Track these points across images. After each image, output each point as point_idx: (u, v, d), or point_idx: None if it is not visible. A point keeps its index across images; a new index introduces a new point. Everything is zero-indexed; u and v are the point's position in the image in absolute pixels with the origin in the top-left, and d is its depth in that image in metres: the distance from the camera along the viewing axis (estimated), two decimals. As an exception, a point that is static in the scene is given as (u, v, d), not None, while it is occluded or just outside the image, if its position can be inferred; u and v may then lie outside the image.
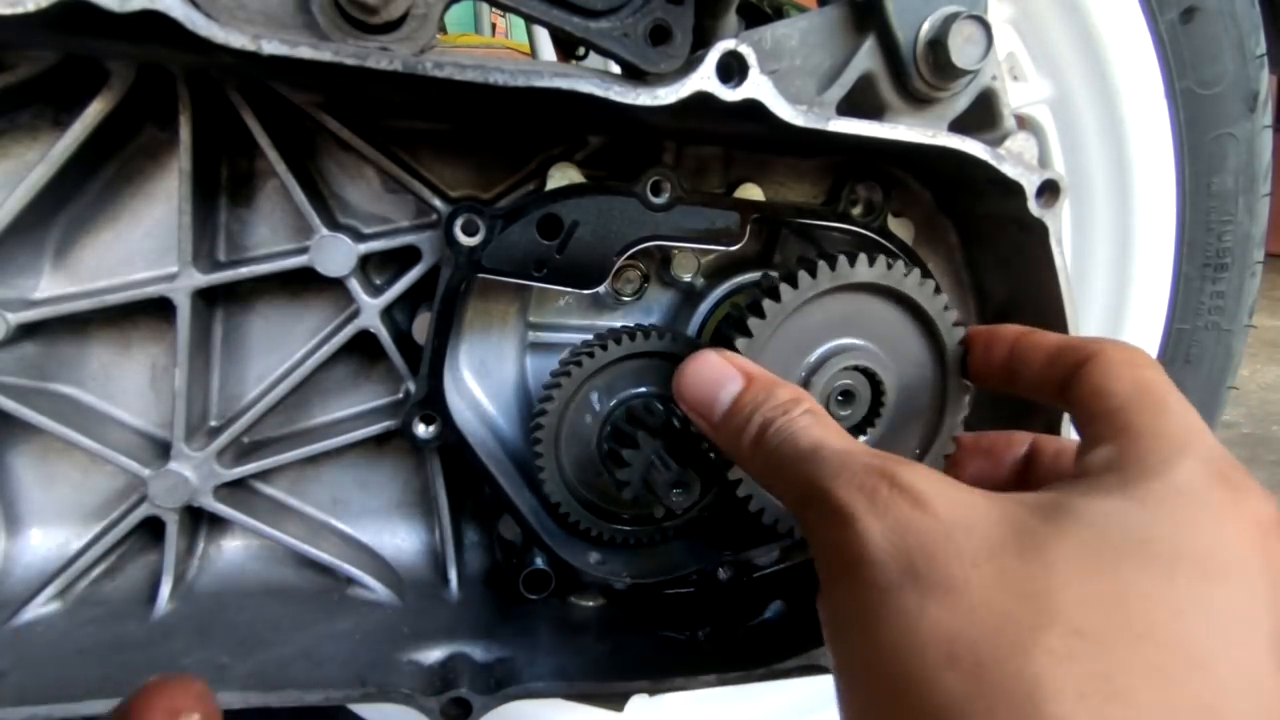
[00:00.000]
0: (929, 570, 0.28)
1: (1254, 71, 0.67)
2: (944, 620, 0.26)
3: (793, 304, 0.43)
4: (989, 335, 0.44)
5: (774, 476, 0.37)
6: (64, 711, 0.44)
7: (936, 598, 0.27)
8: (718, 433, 0.40)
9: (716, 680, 0.54)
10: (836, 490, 0.31)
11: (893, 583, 0.28)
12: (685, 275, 0.54)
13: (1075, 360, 0.36)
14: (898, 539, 0.29)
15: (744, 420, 0.38)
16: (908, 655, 0.26)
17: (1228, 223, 0.71)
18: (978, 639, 0.25)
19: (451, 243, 0.45)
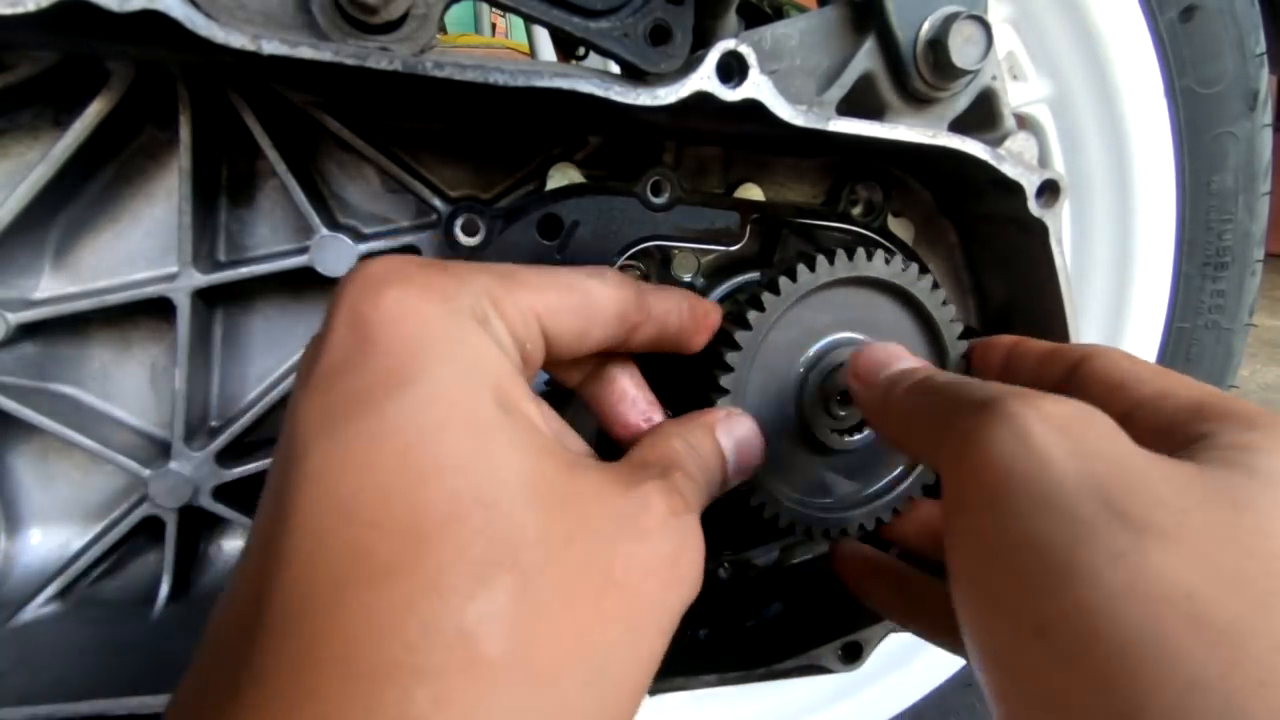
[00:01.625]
0: (1131, 507, 0.24)
1: (1254, 70, 0.67)
2: (1176, 572, 0.22)
3: (791, 297, 0.43)
4: (985, 345, 0.44)
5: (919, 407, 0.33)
6: (64, 711, 0.44)
7: (1156, 542, 0.23)
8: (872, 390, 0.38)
9: (716, 680, 0.54)
10: (1008, 400, 0.28)
11: (1097, 516, 0.24)
12: (685, 275, 0.54)
13: (1070, 361, 0.36)
14: (1087, 465, 0.25)
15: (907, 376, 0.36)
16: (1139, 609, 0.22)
17: (1228, 221, 0.71)
18: (1224, 600, 0.21)
19: (451, 243, 0.45)
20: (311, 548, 0.24)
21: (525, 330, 0.31)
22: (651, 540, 0.28)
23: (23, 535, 0.52)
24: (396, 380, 0.26)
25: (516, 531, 0.25)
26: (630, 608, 0.27)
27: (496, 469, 0.26)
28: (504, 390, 0.28)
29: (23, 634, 0.49)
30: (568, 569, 0.25)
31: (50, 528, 0.53)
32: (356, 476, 0.24)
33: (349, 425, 0.25)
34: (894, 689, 0.84)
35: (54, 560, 0.52)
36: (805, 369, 0.45)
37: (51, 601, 0.51)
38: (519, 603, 0.24)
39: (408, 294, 0.27)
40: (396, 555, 0.23)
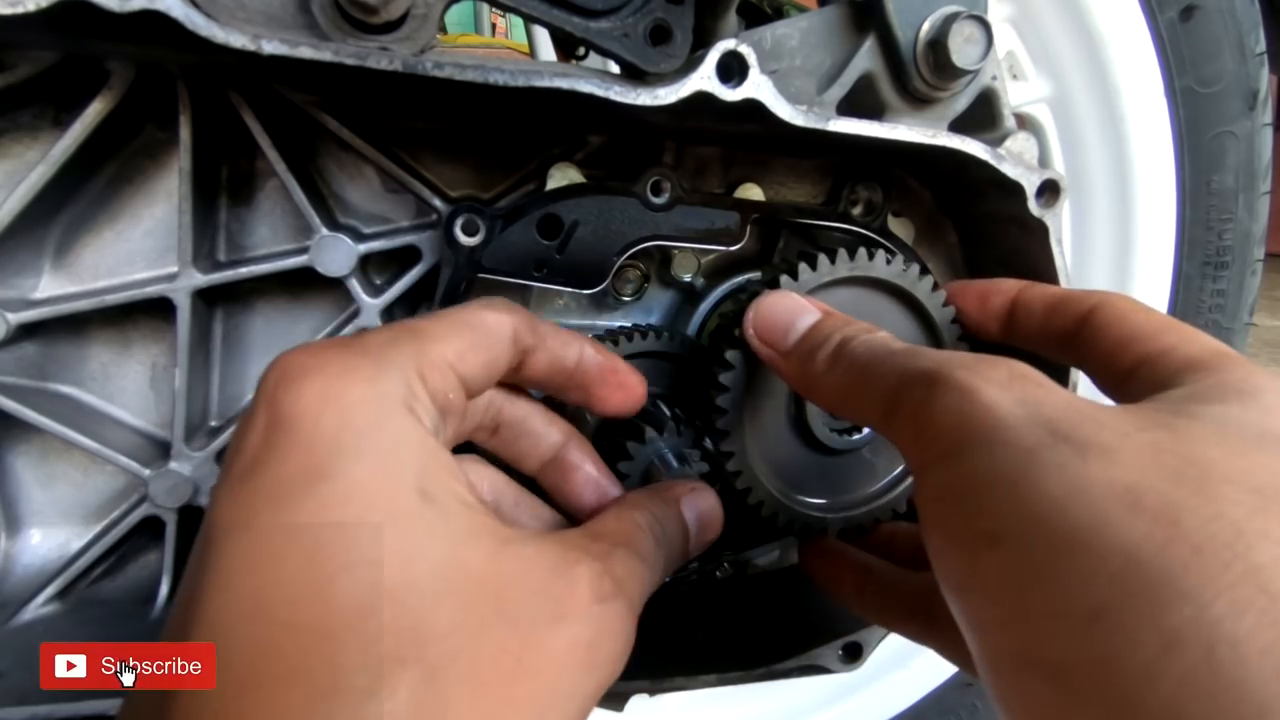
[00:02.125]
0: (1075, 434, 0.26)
1: (1254, 69, 0.67)
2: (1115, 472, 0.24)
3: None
4: (987, 288, 0.44)
5: (860, 380, 0.34)
6: (63, 711, 0.44)
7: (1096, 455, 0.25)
8: (787, 359, 0.39)
9: (716, 680, 0.54)
10: (952, 371, 0.30)
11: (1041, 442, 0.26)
12: (685, 275, 0.54)
13: (1079, 311, 0.36)
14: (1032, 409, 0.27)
15: (821, 340, 0.37)
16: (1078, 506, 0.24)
17: (1228, 221, 0.71)
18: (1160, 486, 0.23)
19: (451, 243, 0.45)
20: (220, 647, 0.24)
21: (445, 384, 0.31)
22: (569, 625, 0.28)
23: (23, 535, 0.52)
24: (312, 475, 0.26)
25: (425, 625, 0.25)
26: (540, 694, 0.27)
27: (411, 561, 0.26)
28: (428, 476, 0.28)
29: (23, 634, 0.49)
30: (477, 659, 0.25)
31: (50, 528, 0.53)
32: (267, 574, 0.25)
33: (263, 521, 0.25)
34: (894, 689, 0.84)
35: (54, 560, 0.52)
36: None
37: (51, 601, 0.51)
38: (422, 698, 0.24)
39: (330, 384, 0.27)
40: (303, 654, 0.24)
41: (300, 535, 0.25)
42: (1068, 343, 0.37)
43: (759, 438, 0.45)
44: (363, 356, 0.29)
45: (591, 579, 0.30)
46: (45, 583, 0.50)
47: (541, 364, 0.37)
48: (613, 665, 0.30)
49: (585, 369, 0.39)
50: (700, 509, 0.39)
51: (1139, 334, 0.33)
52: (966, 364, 0.30)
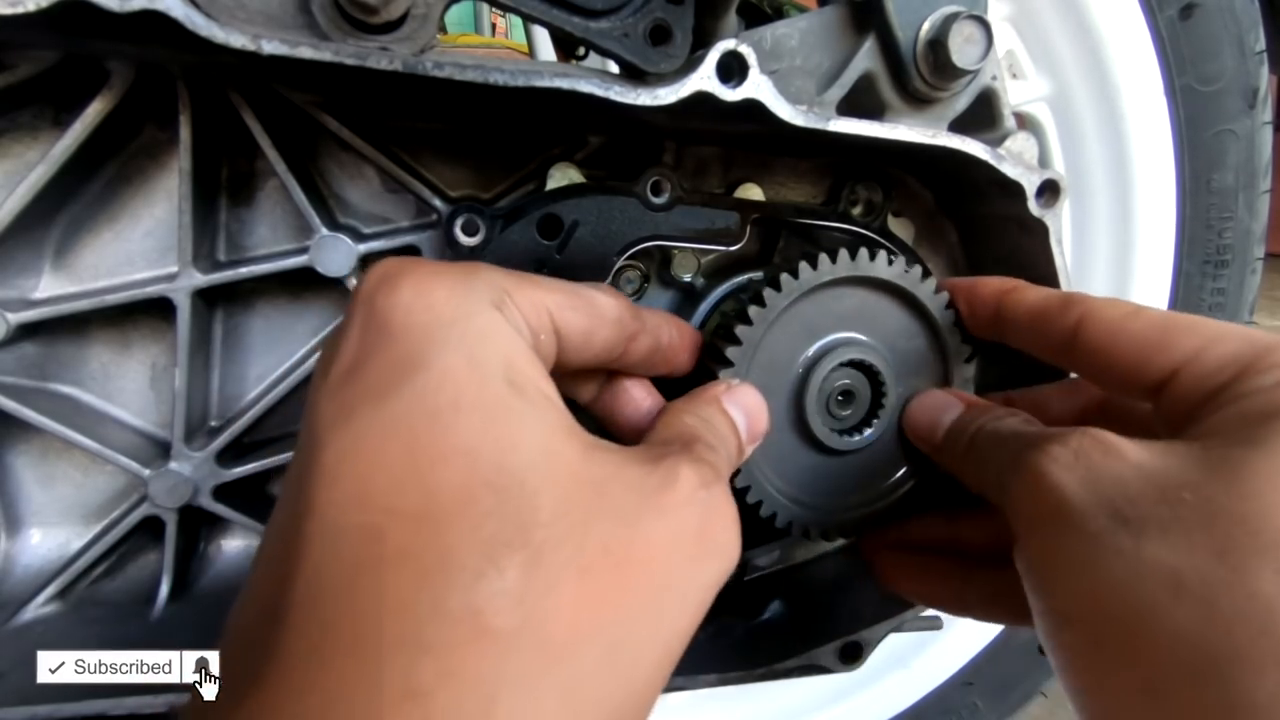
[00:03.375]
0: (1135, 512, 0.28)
1: (1253, 68, 0.67)
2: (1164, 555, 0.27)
3: (793, 294, 0.43)
4: (971, 289, 0.45)
5: (981, 466, 0.39)
6: (63, 711, 0.44)
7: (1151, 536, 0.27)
8: (939, 452, 0.43)
9: (716, 680, 0.54)
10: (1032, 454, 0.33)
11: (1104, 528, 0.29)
12: (685, 275, 0.54)
13: (1063, 328, 0.37)
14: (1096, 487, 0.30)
15: (963, 431, 0.41)
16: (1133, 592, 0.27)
17: (1228, 219, 0.71)
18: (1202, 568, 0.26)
19: (451, 243, 0.45)
20: (327, 536, 0.25)
21: (538, 321, 0.31)
22: (675, 515, 0.28)
23: (23, 535, 0.52)
24: (406, 368, 0.26)
25: (528, 512, 0.25)
26: (651, 583, 0.27)
27: (506, 450, 0.26)
28: (516, 369, 0.28)
29: (23, 634, 0.49)
30: (584, 546, 0.26)
31: (50, 528, 0.53)
32: (369, 466, 0.25)
33: (360, 416, 0.26)
34: (895, 688, 0.84)
35: (54, 560, 0.52)
36: (805, 368, 0.45)
37: (51, 601, 0.51)
38: (530, 579, 0.24)
39: (421, 284, 0.28)
40: (409, 539, 0.24)
41: (397, 426, 0.26)
42: (1064, 355, 0.38)
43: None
44: (458, 267, 0.30)
45: (688, 469, 0.30)
46: (45, 583, 0.50)
47: (643, 347, 0.38)
48: (725, 552, 0.30)
49: (674, 347, 0.41)
50: (742, 403, 0.39)
51: (1146, 343, 0.34)
52: (1038, 443, 0.33)
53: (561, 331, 0.32)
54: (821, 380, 0.45)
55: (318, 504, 0.25)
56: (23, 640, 0.48)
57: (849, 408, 0.46)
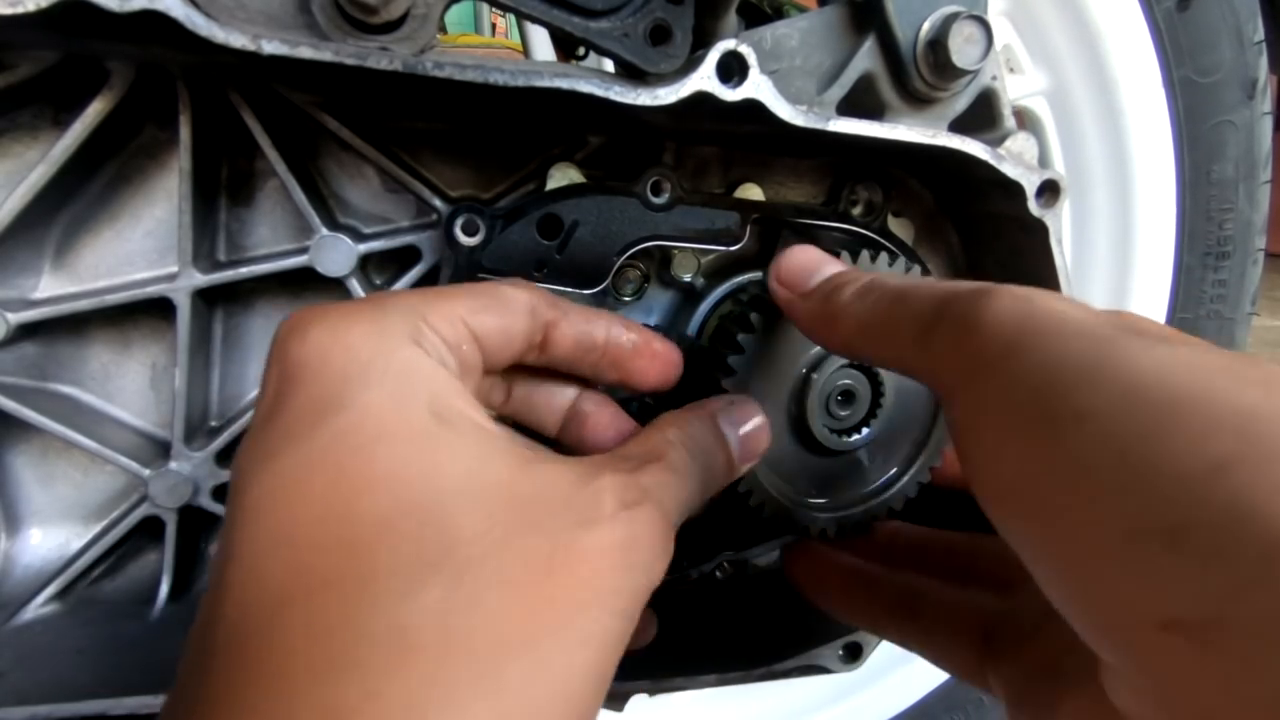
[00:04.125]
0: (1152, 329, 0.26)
1: (1252, 58, 0.66)
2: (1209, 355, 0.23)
3: None
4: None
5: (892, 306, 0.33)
6: (64, 711, 0.44)
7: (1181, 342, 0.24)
8: (808, 298, 0.37)
9: (716, 680, 0.54)
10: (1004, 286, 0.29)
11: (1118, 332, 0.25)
12: (685, 275, 0.54)
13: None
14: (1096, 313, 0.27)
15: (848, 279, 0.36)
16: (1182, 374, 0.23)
17: (1228, 211, 0.71)
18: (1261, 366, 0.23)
19: (452, 243, 0.45)
20: (249, 574, 0.25)
21: (456, 335, 0.31)
22: (599, 529, 0.28)
23: (23, 535, 0.52)
24: (326, 408, 0.27)
25: (451, 533, 0.25)
26: (576, 592, 0.27)
27: (430, 476, 0.26)
28: (440, 398, 0.28)
29: (23, 634, 0.49)
30: (505, 561, 0.26)
31: (50, 528, 0.53)
32: (292, 503, 0.26)
33: (282, 456, 0.26)
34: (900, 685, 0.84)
35: (54, 560, 0.52)
36: (806, 369, 0.45)
37: (51, 601, 0.51)
38: (453, 595, 0.24)
39: (334, 327, 0.29)
40: (332, 568, 0.24)
41: (320, 462, 0.26)
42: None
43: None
44: (367, 303, 0.30)
45: (616, 488, 0.30)
46: (45, 583, 0.50)
47: (568, 338, 0.37)
48: (649, 567, 0.30)
49: (617, 344, 0.39)
50: (739, 419, 0.38)
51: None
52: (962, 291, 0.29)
53: (479, 335, 0.32)
54: (823, 383, 0.45)
55: (240, 545, 0.25)
56: (23, 640, 0.48)
57: (849, 408, 0.46)
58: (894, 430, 0.48)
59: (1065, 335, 0.26)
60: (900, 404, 0.47)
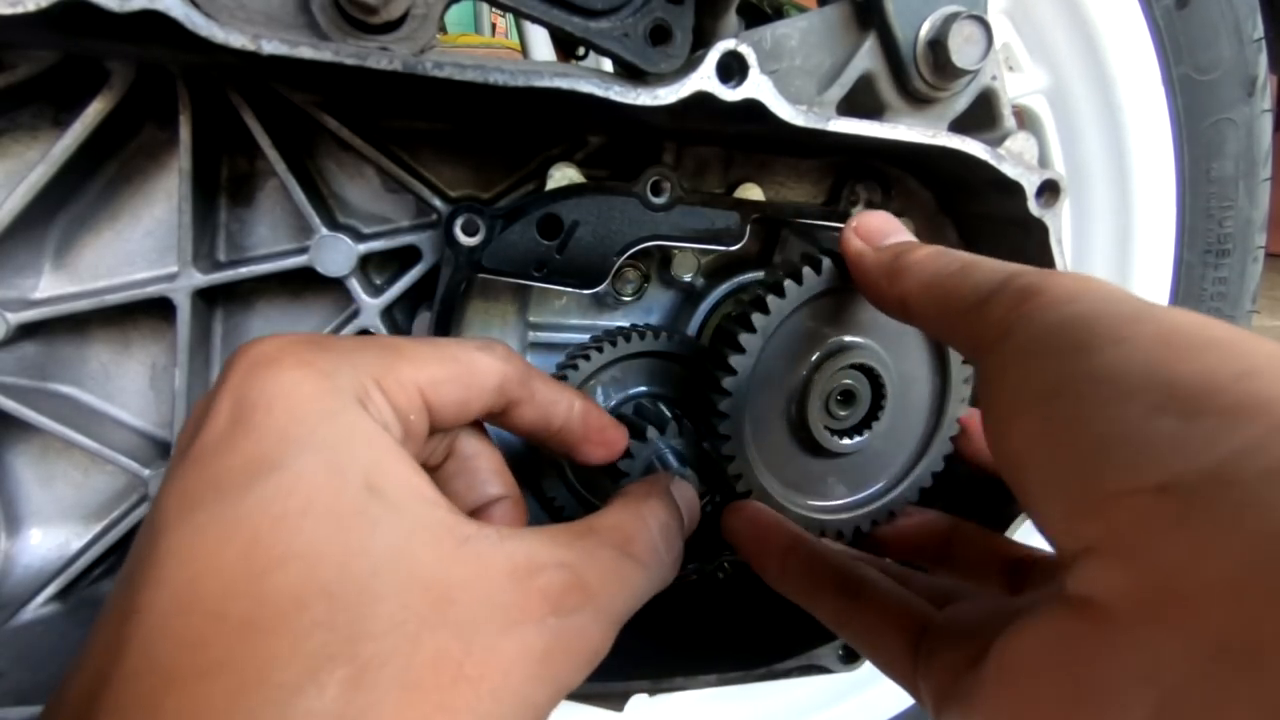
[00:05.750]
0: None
1: (1251, 55, 0.66)
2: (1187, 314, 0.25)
3: (795, 302, 0.43)
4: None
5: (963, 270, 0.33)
6: (64, 711, 0.44)
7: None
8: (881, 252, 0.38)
9: (716, 680, 0.54)
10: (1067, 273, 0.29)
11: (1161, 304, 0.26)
12: (685, 275, 0.54)
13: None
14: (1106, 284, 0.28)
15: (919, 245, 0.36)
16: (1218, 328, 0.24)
17: (1228, 208, 0.71)
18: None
19: (451, 243, 0.45)
20: (150, 638, 0.24)
21: (408, 403, 0.31)
22: (520, 634, 0.27)
23: (23, 535, 0.52)
24: (259, 467, 0.26)
25: (360, 623, 0.24)
26: (480, 703, 0.25)
27: (353, 556, 0.25)
28: (376, 469, 0.27)
29: (23, 634, 0.49)
30: (413, 661, 0.24)
31: (50, 528, 0.53)
32: (201, 567, 0.24)
33: (203, 511, 0.25)
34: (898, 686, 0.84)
35: (54, 560, 0.52)
36: (809, 371, 0.45)
37: (51, 601, 0.51)
38: (351, 698, 0.23)
39: (287, 376, 0.27)
40: (230, 649, 0.23)
41: (239, 527, 0.25)
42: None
43: (759, 441, 0.45)
44: (325, 351, 0.29)
45: (552, 589, 0.28)
46: (45, 583, 0.50)
47: (527, 417, 0.37)
48: (569, 677, 0.28)
49: (571, 429, 0.39)
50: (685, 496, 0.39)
51: None
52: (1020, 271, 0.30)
53: (434, 406, 0.31)
54: (824, 383, 0.45)
55: (141, 603, 0.24)
56: (23, 640, 0.48)
57: (848, 408, 0.46)
58: (895, 434, 0.48)
59: (1117, 295, 0.27)
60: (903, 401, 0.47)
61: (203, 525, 0.25)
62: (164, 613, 0.24)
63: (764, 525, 0.43)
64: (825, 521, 0.47)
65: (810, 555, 0.41)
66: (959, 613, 0.34)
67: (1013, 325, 0.28)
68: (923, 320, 0.36)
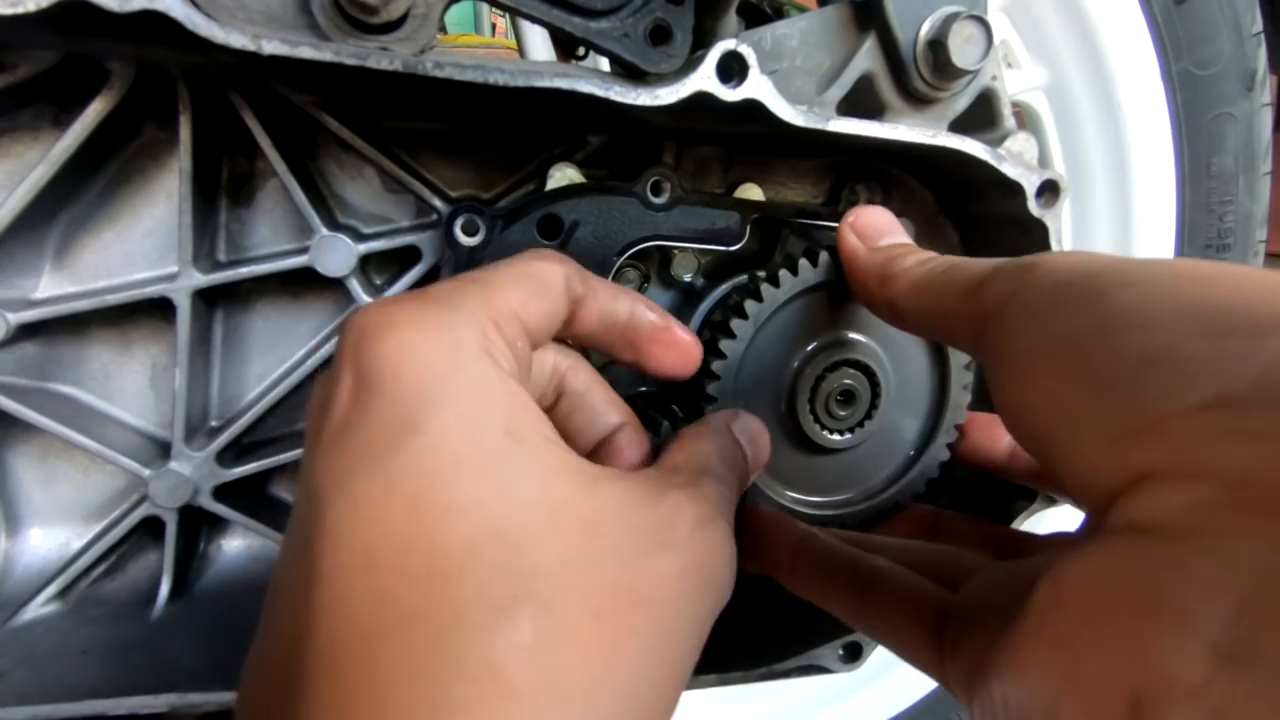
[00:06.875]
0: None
1: (1251, 50, 0.66)
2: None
3: (789, 292, 0.43)
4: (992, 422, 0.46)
5: (952, 270, 0.34)
6: (64, 711, 0.44)
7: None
8: (875, 252, 0.39)
9: (716, 680, 0.54)
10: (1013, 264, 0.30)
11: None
12: (685, 275, 0.54)
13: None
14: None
15: (912, 248, 0.38)
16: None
17: (1229, 203, 0.71)
18: None
19: (452, 243, 0.45)
20: (338, 601, 0.25)
21: (513, 333, 0.31)
22: (677, 552, 0.28)
23: (23, 535, 0.52)
24: (403, 428, 0.26)
25: (534, 561, 0.25)
26: (658, 621, 0.27)
27: (509, 501, 0.26)
28: (513, 417, 0.28)
29: (23, 634, 0.49)
30: (590, 591, 0.26)
31: (50, 528, 0.53)
32: (372, 529, 0.25)
33: (361, 479, 0.26)
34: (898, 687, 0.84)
35: (54, 560, 0.52)
36: (800, 364, 0.45)
37: (51, 601, 0.51)
38: (542, 630, 0.24)
39: (406, 337, 0.28)
40: (419, 599, 0.24)
41: (398, 489, 0.25)
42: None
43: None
44: (435, 305, 0.30)
45: (688, 505, 0.30)
46: (45, 583, 0.50)
47: (592, 315, 0.37)
48: (723, 586, 0.30)
49: (637, 324, 0.38)
50: (750, 431, 0.40)
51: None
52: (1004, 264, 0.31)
53: (530, 327, 0.32)
54: (815, 379, 0.45)
55: (324, 570, 0.25)
56: (23, 640, 0.48)
57: (848, 407, 0.46)
58: (891, 432, 0.48)
59: (1113, 256, 0.27)
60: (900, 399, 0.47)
61: (362, 492, 0.26)
62: (348, 575, 0.25)
63: (771, 525, 0.44)
64: (817, 517, 0.47)
65: (821, 551, 0.42)
66: (976, 592, 0.35)
67: (1015, 293, 0.29)
68: (914, 320, 0.36)
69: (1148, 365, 0.23)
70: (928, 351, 0.47)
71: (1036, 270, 0.29)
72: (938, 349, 0.47)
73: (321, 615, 0.25)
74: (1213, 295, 0.23)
